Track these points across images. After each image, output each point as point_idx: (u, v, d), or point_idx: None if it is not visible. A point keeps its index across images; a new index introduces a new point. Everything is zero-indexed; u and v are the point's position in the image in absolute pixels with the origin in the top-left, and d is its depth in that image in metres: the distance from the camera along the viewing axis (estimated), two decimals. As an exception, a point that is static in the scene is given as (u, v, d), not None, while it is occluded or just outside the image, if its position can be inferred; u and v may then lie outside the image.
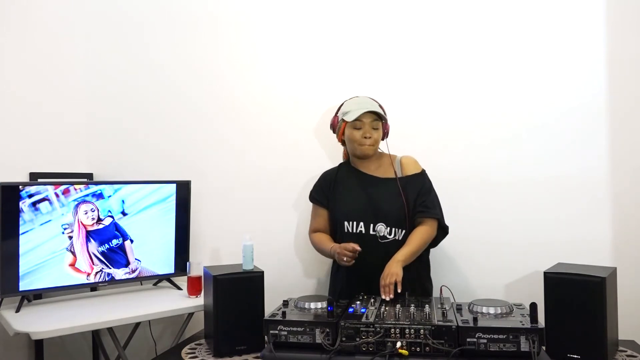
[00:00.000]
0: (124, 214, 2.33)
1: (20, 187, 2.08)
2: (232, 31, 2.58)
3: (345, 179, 2.11)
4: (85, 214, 2.24)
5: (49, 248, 2.14)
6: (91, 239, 2.26)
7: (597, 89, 2.17)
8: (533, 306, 1.56)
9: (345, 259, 1.90)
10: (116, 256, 2.31)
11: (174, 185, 2.43)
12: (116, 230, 2.32)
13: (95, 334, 2.60)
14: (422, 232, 1.98)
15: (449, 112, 2.33)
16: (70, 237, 2.20)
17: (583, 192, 2.18)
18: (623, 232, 2.14)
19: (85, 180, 2.63)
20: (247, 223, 2.53)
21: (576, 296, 1.59)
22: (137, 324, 2.46)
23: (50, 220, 2.14)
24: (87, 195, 2.25)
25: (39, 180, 2.43)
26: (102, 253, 2.28)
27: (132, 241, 2.35)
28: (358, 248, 1.89)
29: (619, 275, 1.79)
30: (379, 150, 2.13)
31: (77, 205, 2.22)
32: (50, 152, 2.57)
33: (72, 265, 2.21)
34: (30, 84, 2.52)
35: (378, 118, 2.02)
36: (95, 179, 2.71)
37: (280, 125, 2.53)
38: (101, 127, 2.74)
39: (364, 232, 2.01)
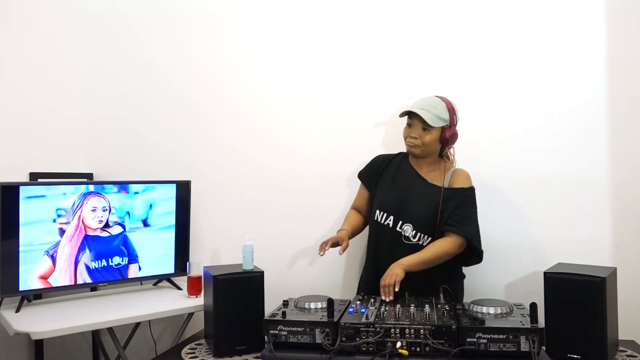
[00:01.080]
0: (145, 224, 2.04)
1: (20, 187, 2.07)
2: (233, 31, 2.58)
3: (395, 169, 2.11)
4: (93, 211, 1.96)
5: (29, 235, 1.81)
6: (87, 247, 2.04)
7: (597, 88, 2.17)
8: (533, 306, 1.56)
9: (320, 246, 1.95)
10: (110, 277, 2.04)
11: (174, 185, 2.43)
12: (123, 246, 2.11)
13: (95, 334, 2.60)
14: (439, 245, 1.91)
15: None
16: (62, 232, 1.93)
17: (583, 191, 2.18)
18: (623, 232, 2.14)
19: (85, 180, 2.64)
20: (247, 223, 2.53)
21: (576, 296, 1.59)
22: (137, 324, 2.46)
23: (44, 196, 1.83)
24: (102, 186, 1.95)
25: (39, 180, 2.43)
26: (95, 270, 2.08)
27: (140, 268, 2.11)
28: (327, 248, 1.94)
29: (619, 275, 1.79)
30: (443, 158, 2.08)
31: (85, 195, 1.95)
32: (50, 152, 2.57)
33: (44, 277, 1.92)
34: (31, 84, 2.52)
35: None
36: (95, 179, 2.71)
37: (280, 125, 2.53)
38: (101, 127, 2.74)
39: (391, 226, 2.00)
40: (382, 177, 2.12)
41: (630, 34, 2.14)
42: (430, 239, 1.96)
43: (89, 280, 2.19)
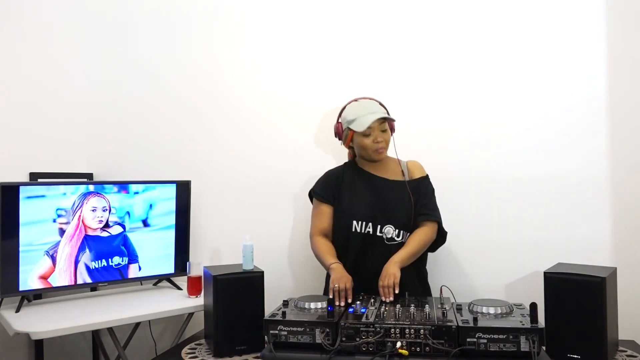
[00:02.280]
0: (145, 224, 2.05)
1: (20, 187, 2.07)
2: (233, 32, 2.58)
3: (352, 179, 2.09)
4: (93, 211, 1.98)
5: (29, 235, 1.82)
6: (87, 247, 2.05)
7: (597, 87, 2.17)
8: (533, 306, 1.56)
9: (333, 290, 1.83)
10: (110, 277, 2.06)
11: (174, 185, 2.43)
12: (123, 246, 2.12)
13: (95, 334, 2.60)
14: (421, 235, 1.99)
15: (449, 111, 2.33)
16: (62, 232, 1.95)
17: (583, 191, 2.18)
18: (623, 231, 2.14)
19: (85, 180, 2.64)
20: (247, 223, 2.53)
21: (576, 296, 1.59)
22: (137, 324, 2.46)
23: (44, 196, 1.84)
24: (102, 186, 1.96)
25: (39, 180, 2.43)
26: (95, 270, 2.10)
27: (140, 268, 2.11)
28: (349, 297, 1.83)
29: (619, 275, 1.79)
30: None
31: (85, 195, 1.97)
32: (50, 152, 2.57)
33: (44, 277, 1.93)
34: (30, 84, 2.52)
35: (385, 121, 2.00)
36: (95, 179, 2.71)
37: (280, 126, 2.53)
38: (101, 127, 2.75)
39: (371, 232, 2.00)
40: (342, 190, 2.08)
41: (630, 34, 2.14)
42: (409, 234, 2.01)
43: (89, 280, 2.19)
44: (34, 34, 2.54)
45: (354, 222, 2.02)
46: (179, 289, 2.40)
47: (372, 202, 2.03)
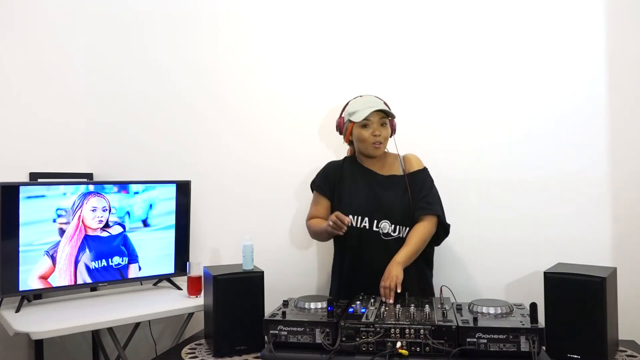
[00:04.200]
0: (145, 224, 2.05)
1: (20, 187, 2.07)
2: (233, 32, 2.58)
3: (350, 174, 2.10)
4: (93, 211, 1.99)
5: (29, 235, 1.82)
6: (87, 247, 2.04)
7: (596, 88, 2.17)
8: (533, 306, 1.56)
9: (331, 223, 1.86)
10: (110, 277, 2.06)
11: (174, 185, 2.43)
12: (123, 246, 2.12)
13: (95, 334, 2.60)
14: (421, 230, 1.97)
15: (449, 112, 2.33)
16: (62, 232, 1.95)
17: (583, 191, 2.18)
18: (623, 232, 2.14)
19: (85, 180, 2.64)
20: (247, 223, 2.53)
21: (576, 296, 1.60)
22: (137, 324, 2.46)
23: (44, 196, 1.85)
24: (102, 186, 1.98)
25: (39, 180, 2.43)
26: (95, 270, 2.10)
27: (140, 268, 2.11)
28: (349, 221, 1.88)
29: (619, 275, 1.79)
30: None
31: (85, 195, 1.98)
32: (50, 152, 2.57)
33: (44, 277, 1.93)
34: (31, 84, 2.52)
35: (385, 116, 2.02)
36: (95, 179, 2.71)
37: (280, 126, 2.53)
38: (101, 127, 2.75)
39: (367, 227, 2.00)
40: (341, 184, 2.09)
41: (630, 35, 2.14)
42: (407, 229, 2.00)
43: (89, 280, 2.19)
44: (34, 34, 2.54)
45: (350, 217, 2.01)
46: (179, 289, 2.40)
47: (369, 197, 2.03)
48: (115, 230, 2.12)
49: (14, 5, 2.48)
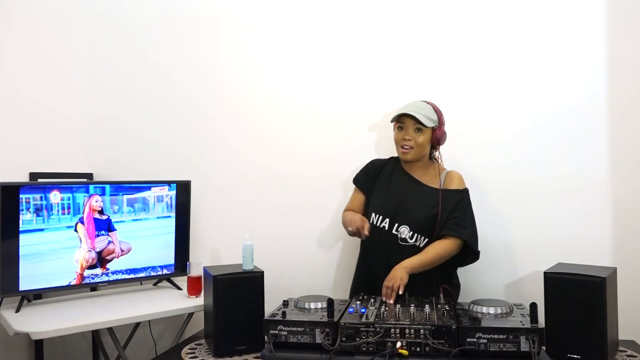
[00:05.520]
0: (145, 224, 2.28)
1: (20, 187, 2.08)
2: (234, 31, 2.58)
3: (389, 173, 2.12)
4: (96, 202, 2.21)
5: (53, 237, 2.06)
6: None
7: (596, 87, 2.17)
8: (533, 306, 1.56)
9: (351, 229, 1.93)
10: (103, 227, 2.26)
11: (174, 185, 2.43)
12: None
13: (95, 334, 2.60)
14: (439, 246, 1.93)
15: (449, 111, 2.32)
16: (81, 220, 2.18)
17: (583, 191, 2.18)
18: (623, 231, 2.14)
19: (85, 180, 2.63)
20: (247, 223, 2.53)
21: (576, 296, 1.60)
22: (137, 324, 2.46)
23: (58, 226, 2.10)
24: (103, 186, 2.23)
25: (39, 180, 2.43)
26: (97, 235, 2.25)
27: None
28: (367, 234, 1.90)
29: (619, 275, 1.79)
30: (432, 160, 2.12)
31: (90, 196, 2.20)
32: (50, 152, 2.57)
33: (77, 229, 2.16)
34: (31, 84, 2.52)
35: (419, 122, 1.98)
36: (95, 179, 2.71)
37: (280, 126, 2.53)
38: (101, 127, 2.74)
39: (386, 228, 2.01)
40: (377, 181, 2.13)
41: (629, 34, 2.14)
42: (426, 240, 1.99)
43: (89, 280, 2.20)
44: (35, 33, 2.54)
45: (372, 214, 2.04)
46: (179, 289, 2.40)
47: (396, 200, 2.04)
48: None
49: (14, 4, 2.48)
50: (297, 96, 2.50)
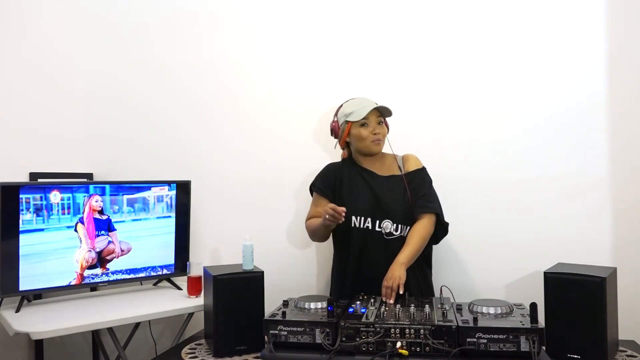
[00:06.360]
0: (145, 224, 2.29)
1: (20, 187, 2.08)
2: (233, 31, 2.58)
3: (350, 175, 2.12)
4: (96, 202, 2.22)
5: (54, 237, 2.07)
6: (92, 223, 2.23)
7: (596, 87, 2.17)
8: (533, 306, 1.56)
9: (327, 216, 1.88)
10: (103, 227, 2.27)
11: (174, 185, 2.43)
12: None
13: (95, 334, 2.60)
14: (421, 229, 1.98)
15: (448, 111, 2.33)
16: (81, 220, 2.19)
17: (583, 191, 2.18)
18: (623, 232, 2.14)
19: (85, 180, 2.64)
20: (247, 223, 2.53)
21: (576, 296, 1.60)
22: (137, 324, 2.46)
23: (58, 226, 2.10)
24: (103, 186, 2.24)
25: (39, 180, 2.43)
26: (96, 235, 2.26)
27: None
28: (343, 209, 1.87)
29: (619, 275, 1.79)
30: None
31: (90, 196, 2.20)
32: (50, 152, 2.57)
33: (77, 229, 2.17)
34: (31, 84, 2.52)
35: (380, 115, 2.05)
36: (95, 179, 2.71)
37: (280, 126, 2.53)
38: (101, 127, 2.75)
39: (370, 227, 2.01)
40: (342, 185, 2.11)
41: (630, 33, 2.14)
42: (408, 227, 2.02)
43: (89, 280, 2.20)
44: (35, 33, 2.54)
45: (353, 218, 2.03)
46: (179, 289, 2.40)
47: (370, 197, 2.04)
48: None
49: (13, 4, 2.48)
50: (297, 96, 2.50)
